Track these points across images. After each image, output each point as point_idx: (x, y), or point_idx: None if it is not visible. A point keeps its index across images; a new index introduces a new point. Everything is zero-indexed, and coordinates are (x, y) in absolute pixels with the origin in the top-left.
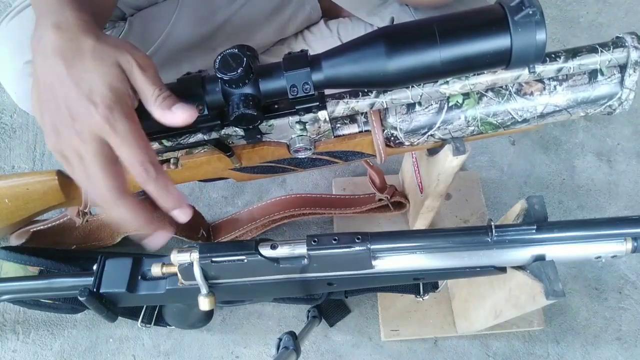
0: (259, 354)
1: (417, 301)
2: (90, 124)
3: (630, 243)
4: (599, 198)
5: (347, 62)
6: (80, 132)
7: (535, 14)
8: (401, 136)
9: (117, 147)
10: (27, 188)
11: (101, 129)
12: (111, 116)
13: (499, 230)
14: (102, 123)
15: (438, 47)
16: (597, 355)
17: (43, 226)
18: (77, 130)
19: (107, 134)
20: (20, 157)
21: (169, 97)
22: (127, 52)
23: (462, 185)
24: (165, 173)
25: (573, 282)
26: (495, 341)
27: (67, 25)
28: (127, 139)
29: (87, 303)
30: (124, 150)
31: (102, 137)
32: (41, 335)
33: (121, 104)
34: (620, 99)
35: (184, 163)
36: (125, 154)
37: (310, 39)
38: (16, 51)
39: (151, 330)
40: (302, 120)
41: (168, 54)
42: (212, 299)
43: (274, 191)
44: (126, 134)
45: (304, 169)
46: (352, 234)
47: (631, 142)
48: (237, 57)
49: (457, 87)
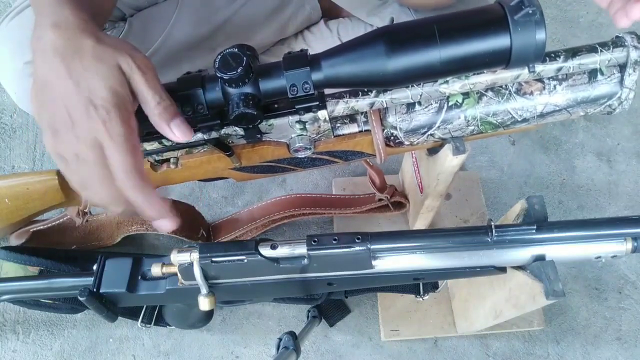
0: (259, 354)
1: (417, 301)
2: (88, 126)
3: (630, 243)
4: (599, 198)
5: (347, 61)
6: (78, 134)
7: (535, 13)
8: (401, 136)
9: (108, 151)
10: (27, 188)
11: (98, 131)
12: (108, 119)
13: (499, 230)
14: (100, 125)
15: (438, 47)
16: (597, 355)
17: (43, 226)
18: (75, 132)
19: (102, 136)
20: (20, 157)
21: (169, 107)
22: (127, 53)
23: (462, 185)
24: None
25: (573, 282)
26: (495, 341)
27: (66, 24)
28: (120, 145)
29: (87, 303)
30: (115, 156)
31: (99, 140)
32: (41, 335)
33: (120, 108)
34: (620, 99)
35: (184, 162)
36: (115, 159)
37: (310, 39)
38: (16, 51)
39: (151, 330)
40: (302, 119)
41: (168, 54)
42: (212, 299)
43: (274, 191)
44: (120, 140)
45: (304, 168)
46: (352, 234)
47: (631, 142)
48: (237, 56)
49: (457, 87)
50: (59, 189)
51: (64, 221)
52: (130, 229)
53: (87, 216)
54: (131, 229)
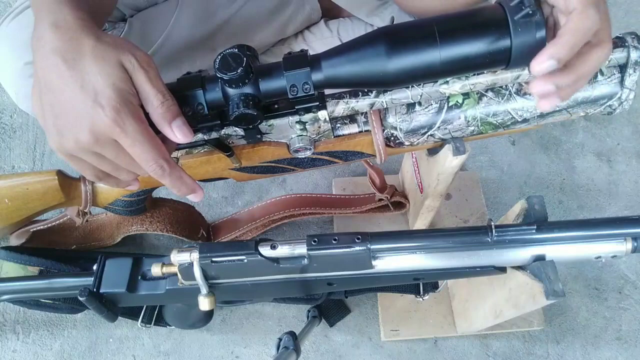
0: (259, 354)
1: (417, 301)
2: (100, 127)
3: (630, 243)
4: (599, 198)
5: (347, 62)
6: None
7: (535, 13)
8: (401, 136)
9: (128, 147)
10: (27, 188)
11: (112, 131)
12: (119, 118)
13: (499, 230)
14: (112, 125)
15: (438, 47)
16: (597, 355)
17: (43, 226)
18: (86, 133)
19: (117, 135)
20: (20, 157)
21: (171, 107)
22: (129, 51)
23: (462, 185)
24: (176, 164)
25: (573, 282)
26: (495, 341)
27: (65, 24)
28: (138, 139)
29: (87, 303)
30: (136, 150)
31: (113, 138)
32: (41, 335)
33: (127, 105)
34: (620, 99)
35: (184, 163)
36: (138, 153)
37: (310, 39)
38: (16, 51)
39: (151, 330)
40: (302, 120)
41: (168, 54)
42: (212, 299)
43: (274, 191)
44: (136, 134)
45: (304, 169)
46: (352, 234)
47: (631, 142)
48: (237, 56)
49: (457, 87)
50: (59, 189)
51: (64, 221)
52: (130, 229)
53: (87, 216)
54: (131, 229)
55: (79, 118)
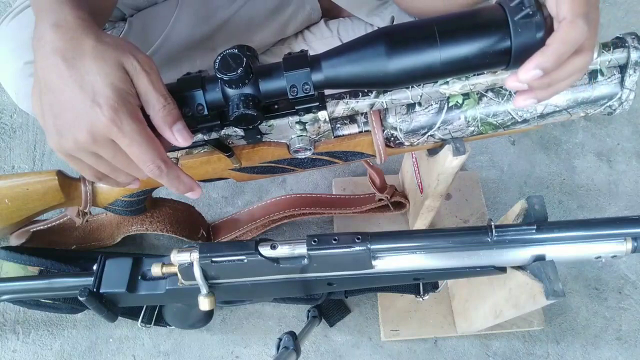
0: (259, 354)
1: (417, 301)
2: (98, 127)
3: (630, 243)
4: (599, 198)
5: (347, 62)
6: (88, 135)
7: (535, 14)
8: (401, 136)
9: (126, 147)
10: (27, 188)
11: (110, 130)
12: (117, 118)
13: (499, 230)
14: (110, 125)
15: (438, 48)
16: (597, 355)
17: (43, 226)
18: (84, 133)
19: (115, 135)
20: (20, 157)
21: (172, 111)
22: (130, 53)
23: (462, 185)
24: (173, 164)
25: (573, 282)
26: (495, 341)
27: (66, 24)
28: (135, 139)
29: (87, 303)
30: (134, 150)
31: (111, 138)
32: (41, 335)
33: (125, 105)
34: (620, 99)
35: (184, 163)
36: (135, 153)
37: (310, 39)
38: (16, 51)
39: (151, 330)
40: (302, 120)
41: (168, 54)
42: (212, 299)
43: (274, 191)
44: (133, 134)
45: (304, 169)
46: (352, 234)
47: (631, 142)
48: (237, 57)
49: (457, 88)
50: (59, 189)
51: (64, 221)
52: (130, 229)
53: (87, 216)
54: (131, 229)
55: (77, 118)
